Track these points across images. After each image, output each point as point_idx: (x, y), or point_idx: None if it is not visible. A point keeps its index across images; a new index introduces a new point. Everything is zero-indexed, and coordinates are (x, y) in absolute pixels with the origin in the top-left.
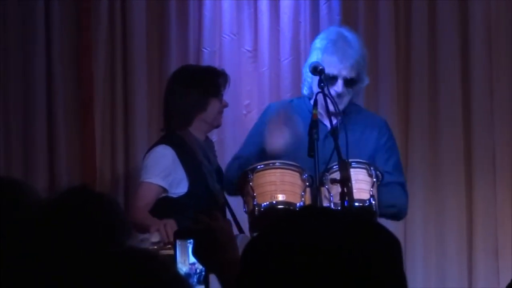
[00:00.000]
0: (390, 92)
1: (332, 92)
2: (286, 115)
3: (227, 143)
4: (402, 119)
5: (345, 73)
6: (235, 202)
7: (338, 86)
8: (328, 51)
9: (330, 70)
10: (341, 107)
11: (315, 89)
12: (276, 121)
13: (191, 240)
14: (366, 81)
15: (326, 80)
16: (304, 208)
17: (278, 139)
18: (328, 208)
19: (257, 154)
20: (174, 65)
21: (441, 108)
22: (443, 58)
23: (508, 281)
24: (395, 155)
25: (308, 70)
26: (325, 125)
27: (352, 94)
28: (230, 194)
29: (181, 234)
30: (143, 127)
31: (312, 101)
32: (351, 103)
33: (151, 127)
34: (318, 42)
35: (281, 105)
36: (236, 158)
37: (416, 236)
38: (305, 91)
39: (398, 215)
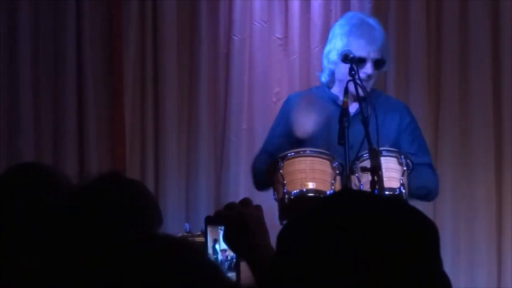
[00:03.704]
0: (421, 83)
1: (362, 74)
2: (312, 100)
3: (257, 131)
4: (432, 110)
5: (373, 55)
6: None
7: (368, 68)
8: (354, 35)
9: (359, 52)
10: (368, 89)
11: (339, 76)
12: (303, 106)
13: (222, 227)
14: (391, 64)
15: (355, 63)
16: (341, 191)
17: (307, 122)
18: (366, 191)
19: (284, 145)
20: (205, 52)
21: (471, 99)
22: (474, 46)
23: None
24: (419, 136)
25: (335, 57)
26: (349, 112)
27: (377, 76)
28: (259, 187)
29: (212, 220)
30: (173, 117)
31: (333, 89)
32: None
33: (181, 118)
34: (339, 28)
35: (301, 95)
36: (264, 151)
37: (446, 224)
38: (324, 79)
39: (429, 195)
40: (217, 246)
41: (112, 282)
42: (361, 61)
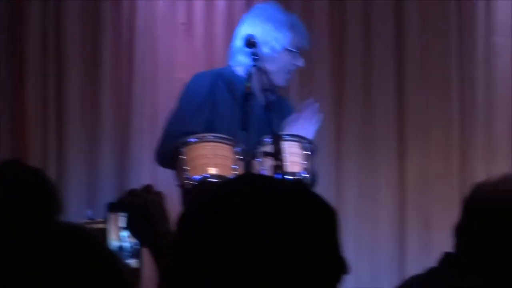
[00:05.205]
0: (325, 65)
1: (294, 66)
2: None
3: (161, 117)
4: (336, 92)
5: (306, 46)
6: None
7: (301, 61)
8: (294, 29)
9: (299, 46)
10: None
11: (275, 68)
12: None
13: (124, 213)
14: None
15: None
16: (240, 175)
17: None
18: (266, 176)
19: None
20: (107, 39)
21: (374, 80)
22: (377, 27)
23: (440, 252)
24: None
25: (287, 53)
26: (252, 97)
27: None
28: (165, 166)
29: (114, 207)
30: (76, 104)
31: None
32: None
33: (84, 105)
34: (276, 20)
35: (207, 73)
36: (182, 133)
37: (349, 208)
38: (233, 63)
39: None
40: (124, 233)
41: (2, 269)
42: (296, 53)
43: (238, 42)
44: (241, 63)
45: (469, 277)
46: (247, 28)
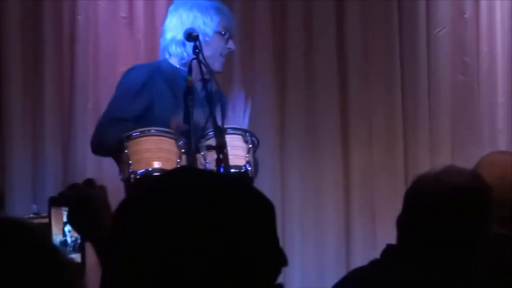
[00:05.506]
0: (265, 55)
1: (227, 50)
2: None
3: (103, 110)
4: (278, 80)
5: (233, 27)
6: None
7: (232, 44)
8: (222, 12)
9: (228, 28)
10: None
11: (209, 53)
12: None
13: (66, 208)
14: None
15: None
16: (175, 169)
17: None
18: (203, 169)
19: (139, 113)
20: (49, 33)
21: (316, 72)
22: (318, 29)
23: (385, 244)
24: None
25: (218, 37)
26: (194, 90)
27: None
28: (99, 154)
29: (56, 201)
30: (18, 98)
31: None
32: None
33: (25, 99)
34: (196, 3)
35: (145, 65)
36: (114, 119)
37: (294, 202)
38: (167, 56)
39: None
40: (66, 228)
41: None
42: (227, 37)
43: (172, 34)
44: (178, 55)
45: (411, 269)
46: (174, 19)
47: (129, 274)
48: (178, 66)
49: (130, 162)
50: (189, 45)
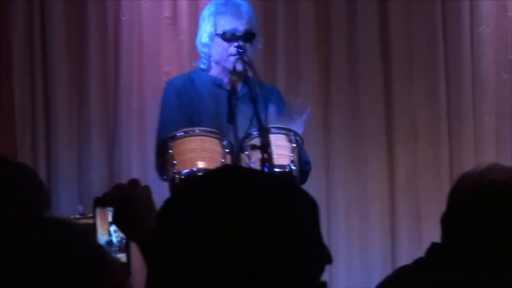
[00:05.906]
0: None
1: (233, 50)
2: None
3: (148, 111)
4: (322, 81)
5: (242, 27)
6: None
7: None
8: (220, 12)
9: (227, 27)
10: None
11: (216, 57)
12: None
13: (111, 208)
14: (261, 42)
15: (226, 39)
16: (220, 168)
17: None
18: (247, 168)
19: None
20: (93, 33)
21: (360, 73)
22: (362, 28)
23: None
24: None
25: (207, 40)
26: (237, 90)
27: (252, 50)
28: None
29: (101, 202)
30: (64, 99)
31: (211, 73)
32: None
33: (71, 100)
34: (206, 11)
35: (180, 78)
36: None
37: (339, 202)
38: (203, 65)
39: (309, 171)
40: (111, 228)
41: None
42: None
43: (205, 39)
44: (207, 63)
45: (455, 267)
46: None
47: (172, 274)
48: (209, 74)
49: (174, 162)
50: (219, 46)
